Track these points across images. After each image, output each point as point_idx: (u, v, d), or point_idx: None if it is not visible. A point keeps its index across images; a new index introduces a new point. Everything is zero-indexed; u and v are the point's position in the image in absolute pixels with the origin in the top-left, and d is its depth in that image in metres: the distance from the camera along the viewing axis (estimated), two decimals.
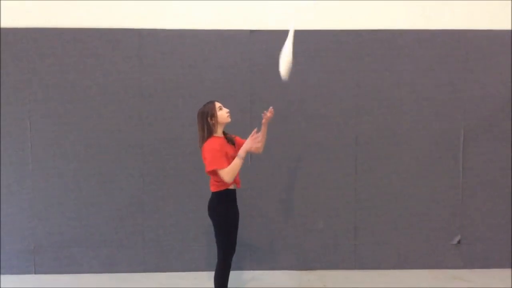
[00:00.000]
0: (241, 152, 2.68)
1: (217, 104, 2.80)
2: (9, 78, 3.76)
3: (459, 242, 3.94)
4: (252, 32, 3.82)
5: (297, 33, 3.82)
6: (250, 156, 3.74)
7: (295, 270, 3.91)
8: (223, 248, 2.78)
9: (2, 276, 3.79)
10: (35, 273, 3.84)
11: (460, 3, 3.85)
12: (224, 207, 2.78)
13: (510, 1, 3.86)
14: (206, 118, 2.76)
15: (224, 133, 2.88)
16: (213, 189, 2.79)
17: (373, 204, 3.92)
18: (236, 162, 2.67)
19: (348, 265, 3.94)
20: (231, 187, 2.80)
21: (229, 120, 2.83)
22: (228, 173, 2.65)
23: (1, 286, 3.58)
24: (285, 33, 3.80)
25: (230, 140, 2.88)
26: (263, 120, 2.93)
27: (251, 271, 3.90)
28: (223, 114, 2.80)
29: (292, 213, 3.91)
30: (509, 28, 3.86)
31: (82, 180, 3.82)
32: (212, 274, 2.83)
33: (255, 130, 2.76)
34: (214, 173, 2.70)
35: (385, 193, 3.91)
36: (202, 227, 3.82)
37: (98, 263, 3.87)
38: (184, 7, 3.81)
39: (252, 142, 2.68)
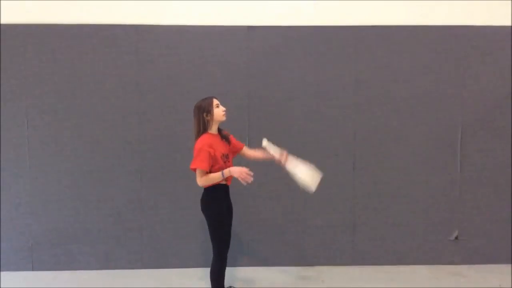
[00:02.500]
0: (226, 171, 2.68)
1: (215, 101, 2.79)
2: (6, 74, 3.74)
3: (457, 238, 3.94)
4: (250, 28, 3.80)
5: (296, 29, 3.83)
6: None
7: (293, 266, 3.91)
8: (217, 243, 2.79)
9: (0, 273, 3.79)
10: (33, 270, 3.84)
11: None
12: (216, 202, 2.78)
13: None
14: (202, 113, 2.75)
15: (219, 129, 2.87)
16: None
17: (371, 201, 3.92)
18: (216, 176, 2.68)
19: (346, 261, 3.95)
20: (222, 182, 2.79)
21: (224, 118, 2.81)
22: (204, 180, 2.68)
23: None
24: (283, 29, 3.81)
25: (224, 138, 2.87)
26: (273, 157, 2.93)
27: (249, 267, 3.91)
28: (219, 112, 2.78)
29: (290, 210, 3.91)
30: (509, 24, 3.84)
31: (80, 177, 3.81)
32: (209, 270, 2.84)
33: (250, 172, 2.70)
34: (211, 165, 2.70)
35: (383, 189, 3.91)
36: (200, 224, 3.81)
37: (96, 259, 3.87)
38: (182, 3, 3.79)
39: (240, 174, 2.65)
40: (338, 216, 3.92)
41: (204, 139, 2.71)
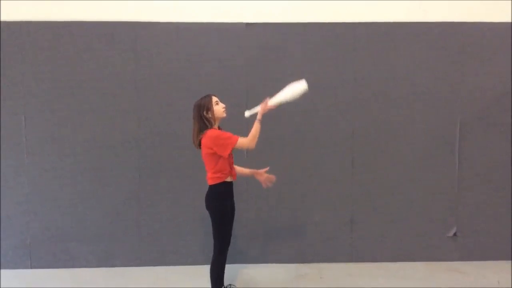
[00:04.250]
0: (259, 116, 2.78)
1: (214, 99, 2.81)
2: (5, 72, 3.72)
3: (455, 234, 3.95)
4: (248, 25, 3.78)
5: (293, 25, 3.82)
6: (246, 150, 3.71)
7: (292, 263, 3.92)
8: (219, 241, 2.80)
9: None
10: (31, 268, 3.83)
11: None
12: (221, 200, 2.80)
13: None
14: (202, 111, 2.77)
15: (219, 128, 2.87)
16: (210, 182, 2.81)
17: (369, 198, 3.92)
18: (256, 126, 2.76)
19: (344, 258, 3.95)
20: (228, 179, 2.81)
21: (224, 115, 2.84)
22: (247, 142, 2.73)
23: None
24: (281, 26, 3.80)
25: None
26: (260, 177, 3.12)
27: (248, 264, 3.91)
28: (219, 109, 2.80)
29: (289, 207, 3.91)
30: (508, 20, 3.83)
31: (78, 175, 3.80)
32: (208, 268, 2.84)
33: (268, 97, 2.82)
34: (216, 162, 2.73)
35: (381, 186, 3.92)
36: (198, 221, 3.81)
37: (94, 257, 3.86)
38: (180, 1, 3.77)
39: (266, 107, 2.80)
40: (337, 213, 3.92)
41: (211, 130, 2.75)
